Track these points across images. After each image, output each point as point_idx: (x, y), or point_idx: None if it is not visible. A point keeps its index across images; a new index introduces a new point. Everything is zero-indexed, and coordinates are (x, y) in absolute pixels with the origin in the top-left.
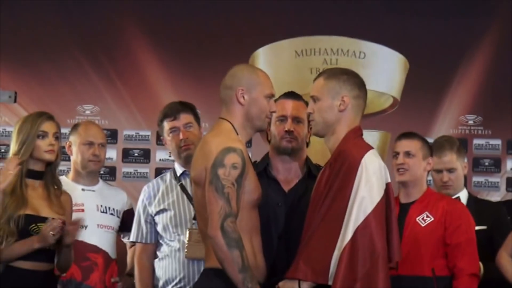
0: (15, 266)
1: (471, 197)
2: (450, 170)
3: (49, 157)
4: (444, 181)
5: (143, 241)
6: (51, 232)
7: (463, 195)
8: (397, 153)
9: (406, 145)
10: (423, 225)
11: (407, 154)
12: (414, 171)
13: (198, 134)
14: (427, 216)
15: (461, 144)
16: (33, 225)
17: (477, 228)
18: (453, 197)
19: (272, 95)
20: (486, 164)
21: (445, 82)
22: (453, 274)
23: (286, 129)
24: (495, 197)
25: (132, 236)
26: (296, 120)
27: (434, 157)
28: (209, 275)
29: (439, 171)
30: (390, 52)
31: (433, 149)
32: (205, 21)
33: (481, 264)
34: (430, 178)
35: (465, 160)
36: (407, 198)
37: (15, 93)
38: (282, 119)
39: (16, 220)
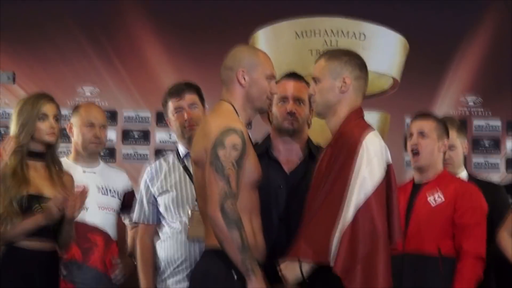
0: (18, 247)
1: (471, 178)
2: (450, 148)
3: (50, 139)
4: (445, 158)
5: (146, 222)
6: (56, 207)
7: (463, 176)
8: (412, 134)
9: (420, 125)
10: (433, 205)
11: (421, 134)
12: (428, 152)
13: (202, 115)
14: (439, 197)
15: (462, 124)
16: (37, 205)
17: None
18: None
19: (273, 76)
20: (486, 145)
21: (445, 63)
22: (458, 255)
23: (288, 110)
24: (494, 178)
25: (135, 217)
26: (298, 101)
27: None
28: (209, 255)
29: None
30: (390, 33)
31: None
32: (205, 2)
33: None
34: None
35: (465, 140)
36: (421, 179)
37: (14, 74)
38: (284, 100)
39: (19, 201)
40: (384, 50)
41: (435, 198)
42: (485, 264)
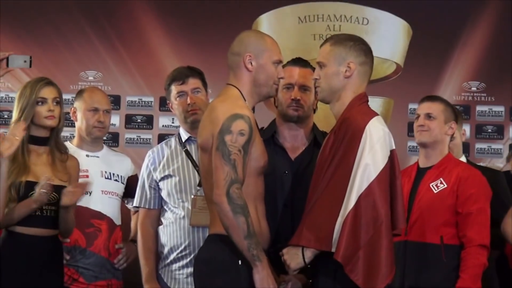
0: (19, 232)
1: (470, 164)
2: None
3: (49, 123)
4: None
5: (147, 206)
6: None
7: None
8: (418, 116)
9: (427, 107)
10: (435, 192)
11: (428, 116)
12: (434, 133)
13: (205, 100)
14: (441, 183)
15: (459, 112)
16: (33, 192)
17: None
18: None
19: (280, 61)
20: (489, 131)
21: (448, 49)
22: (462, 243)
23: (293, 97)
24: (497, 163)
25: (136, 201)
26: (303, 88)
27: None
28: (214, 241)
29: None
30: (393, 18)
31: None
32: None
33: None
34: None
35: (462, 128)
36: (425, 162)
37: (30, 57)
38: (289, 86)
39: (17, 187)
40: (387, 35)
41: (437, 184)
42: (489, 251)
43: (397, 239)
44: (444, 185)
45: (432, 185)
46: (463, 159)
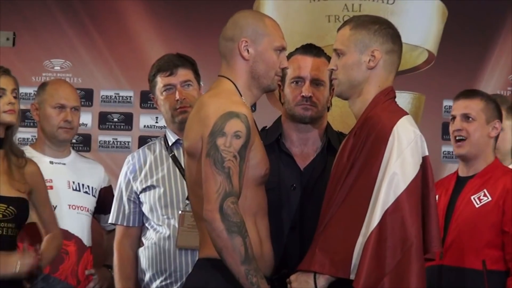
0: None
1: None
2: None
3: (9, 118)
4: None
5: (125, 224)
6: (20, 269)
7: None
8: (454, 117)
9: (464, 105)
10: (477, 206)
11: (466, 117)
12: (474, 139)
13: (198, 95)
14: (484, 195)
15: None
16: None
17: None
18: None
19: (283, 48)
20: None
21: (491, 33)
22: (508, 269)
23: (303, 94)
24: None
25: (112, 217)
26: (316, 82)
27: None
28: (205, 266)
29: None
30: None
31: None
32: None
33: None
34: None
35: None
36: (467, 171)
37: (14, 34)
38: (298, 80)
39: None
40: (417, 16)
41: (480, 196)
42: None
43: (431, 264)
44: (488, 198)
45: (473, 198)
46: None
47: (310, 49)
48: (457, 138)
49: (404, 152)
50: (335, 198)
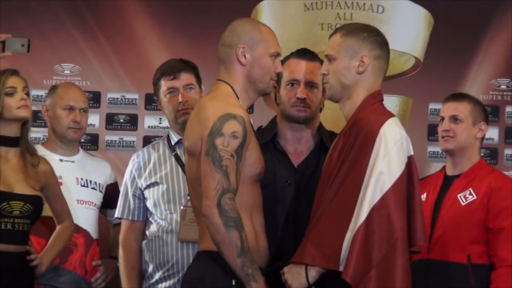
0: None
1: None
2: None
3: (23, 114)
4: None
5: (130, 218)
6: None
7: None
8: (443, 118)
9: (453, 108)
10: (463, 204)
11: (454, 118)
12: (461, 140)
13: (199, 98)
14: (470, 194)
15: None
16: (5, 203)
17: None
18: None
19: (278, 54)
20: None
21: (474, 41)
22: (492, 263)
23: (298, 96)
24: None
25: (118, 212)
26: (310, 85)
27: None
28: (204, 258)
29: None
30: (412, 6)
31: None
32: None
33: None
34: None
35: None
36: (453, 170)
37: (29, 40)
38: (293, 83)
39: None
40: (405, 25)
41: (466, 195)
42: None
43: (418, 257)
44: (473, 197)
45: (459, 196)
46: None
47: (304, 54)
48: (444, 138)
49: (390, 152)
50: (325, 195)
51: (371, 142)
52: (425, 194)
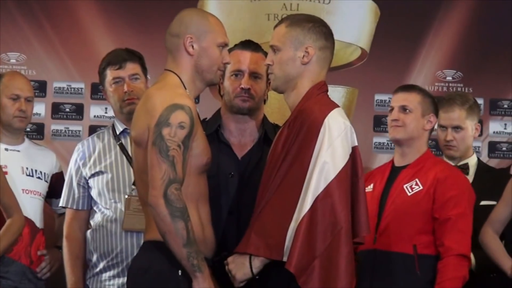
0: None
1: (480, 165)
2: (455, 129)
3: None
4: (448, 140)
5: (74, 207)
6: None
7: (472, 162)
8: (392, 108)
9: (402, 98)
10: (409, 194)
11: (403, 109)
12: (409, 129)
13: (144, 88)
14: (416, 184)
15: (476, 103)
16: None
17: (485, 203)
18: (461, 163)
19: (226, 44)
20: None
21: (420, 32)
22: (439, 253)
23: (242, 86)
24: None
25: (62, 201)
26: (254, 75)
27: (441, 112)
28: (150, 248)
29: (444, 128)
30: None
31: (441, 104)
32: None
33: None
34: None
35: (476, 122)
36: (401, 161)
37: None
38: (237, 73)
39: None
40: (351, 16)
41: (412, 185)
42: (470, 263)
43: (365, 248)
44: (419, 187)
45: (406, 187)
46: (473, 158)
47: (248, 45)
48: (393, 127)
49: (334, 142)
50: (270, 185)
51: (315, 132)
52: (372, 185)
